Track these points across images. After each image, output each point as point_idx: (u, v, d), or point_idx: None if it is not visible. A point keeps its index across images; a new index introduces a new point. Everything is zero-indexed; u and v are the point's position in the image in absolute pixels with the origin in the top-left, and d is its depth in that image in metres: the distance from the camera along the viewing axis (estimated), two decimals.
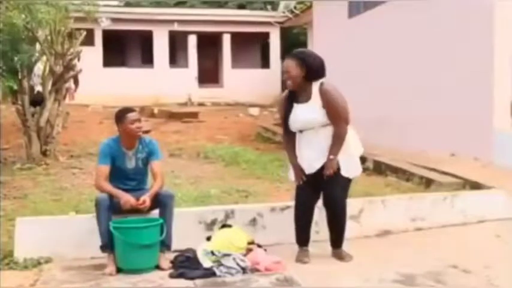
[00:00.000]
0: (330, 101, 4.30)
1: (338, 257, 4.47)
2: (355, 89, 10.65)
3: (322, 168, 4.34)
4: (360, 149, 4.52)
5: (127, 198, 4.33)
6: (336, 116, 4.31)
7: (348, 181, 4.44)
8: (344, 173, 4.36)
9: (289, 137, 4.55)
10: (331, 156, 4.30)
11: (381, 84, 10.07)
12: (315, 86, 4.36)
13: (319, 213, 4.61)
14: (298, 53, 4.47)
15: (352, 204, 5.15)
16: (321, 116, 4.32)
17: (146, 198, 4.36)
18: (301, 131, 4.44)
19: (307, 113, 4.35)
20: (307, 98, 4.38)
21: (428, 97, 8.72)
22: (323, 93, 4.32)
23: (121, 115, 4.53)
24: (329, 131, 4.34)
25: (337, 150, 4.31)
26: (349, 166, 4.38)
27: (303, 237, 4.55)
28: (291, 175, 4.59)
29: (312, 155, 4.38)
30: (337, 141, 4.32)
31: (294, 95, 4.46)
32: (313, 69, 4.36)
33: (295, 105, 4.43)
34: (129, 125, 4.47)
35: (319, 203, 4.54)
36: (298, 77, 4.36)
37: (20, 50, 8.73)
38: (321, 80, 4.37)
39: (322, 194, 4.46)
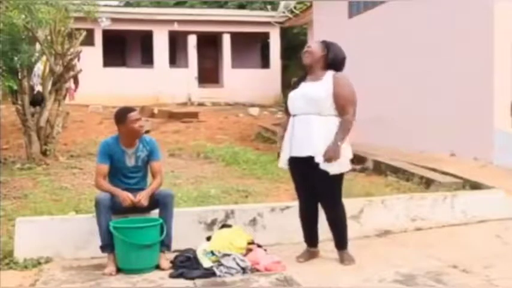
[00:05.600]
0: (342, 86, 4.22)
1: (339, 259, 4.40)
2: (355, 89, 10.67)
3: (313, 166, 4.16)
4: (351, 154, 4.34)
5: (126, 195, 4.35)
6: (345, 102, 4.20)
7: (340, 176, 4.27)
8: (333, 169, 4.16)
9: (286, 119, 4.48)
10: (339, 143, 4.12)
11: (381, 84, 10.07)
12: (329, 74, 4.30)
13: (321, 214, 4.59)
14: (327, 41, 4.50)
15: (352, 204, 5.16)
16: (318, 94, 4.19)
17: (143, 194, 4.38)
18: (295, 115, 4.32)
19: (309, 89, 4.28)
20: (316, 79, 4.32)
21: (428, 97, 8.72)
22: (337, 78, 4.26)
23: (122, 115, 4.52)
24: (324, 123, 4.19)
25: (343, 136, 4.15)
26: (341, 163, 4.19)
27: (306, 236, 4.53)
28: (279, 161, 4.49)
29: (299, 139, 4.23)
30: (345, 128, 4.17)
31: (306, 78, 4.40)
32: (333, 55, 4.34)
33: (303, 84, 4.40)
34: (132, 124, 4.46)
35: None
36: (316, 52, 4.35)
37: (20, 50, 8.71)
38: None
39: (317, 192, 4.33)
